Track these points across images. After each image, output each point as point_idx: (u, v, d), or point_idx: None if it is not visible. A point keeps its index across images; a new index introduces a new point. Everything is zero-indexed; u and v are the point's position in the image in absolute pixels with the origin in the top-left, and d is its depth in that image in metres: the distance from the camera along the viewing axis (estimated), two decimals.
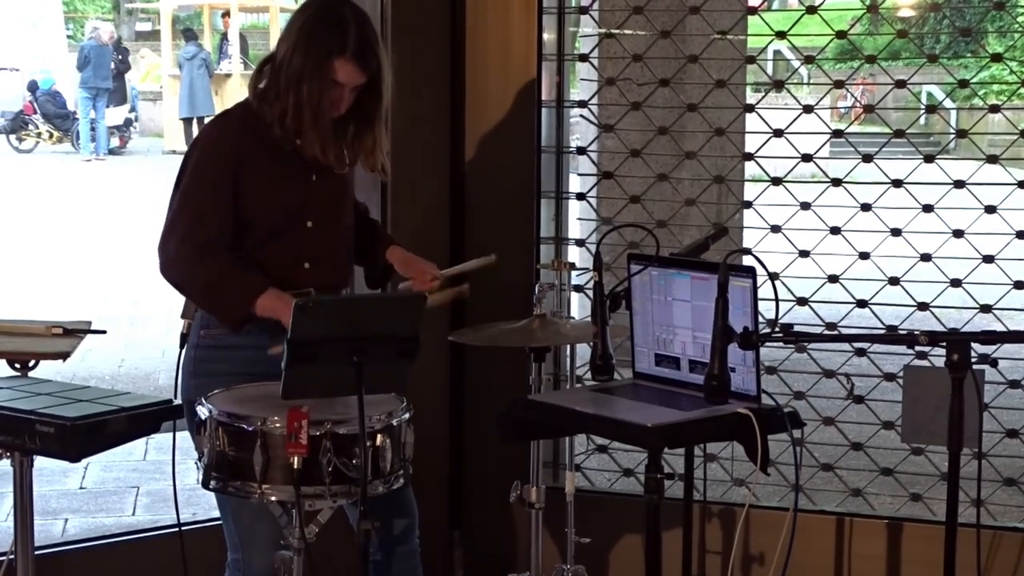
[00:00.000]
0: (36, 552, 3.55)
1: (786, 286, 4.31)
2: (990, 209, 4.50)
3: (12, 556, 3.52)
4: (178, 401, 3.40)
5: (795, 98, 4.90)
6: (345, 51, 3.32)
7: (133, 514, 5.74)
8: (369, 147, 3.51)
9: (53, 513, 5.70)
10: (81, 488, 6.08)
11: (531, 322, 3.73)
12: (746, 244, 5.10)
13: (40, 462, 3.43)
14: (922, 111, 5.78)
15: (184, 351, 3.48)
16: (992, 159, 4.58)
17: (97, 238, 14.08)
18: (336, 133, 3.45)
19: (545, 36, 4.70)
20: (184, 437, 3.33)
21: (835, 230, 4.62)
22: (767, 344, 3.11)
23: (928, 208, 4.54)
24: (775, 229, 4.69)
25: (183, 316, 3.49)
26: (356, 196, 3.76)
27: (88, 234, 14.36)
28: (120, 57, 23.50)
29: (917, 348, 3.47)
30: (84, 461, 4.52)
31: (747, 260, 3.22)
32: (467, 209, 4.71)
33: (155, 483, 6.11)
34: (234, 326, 3.34)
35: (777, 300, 3.14)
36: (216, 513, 3.57)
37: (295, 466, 2.92)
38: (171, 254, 3.34)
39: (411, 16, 4.55)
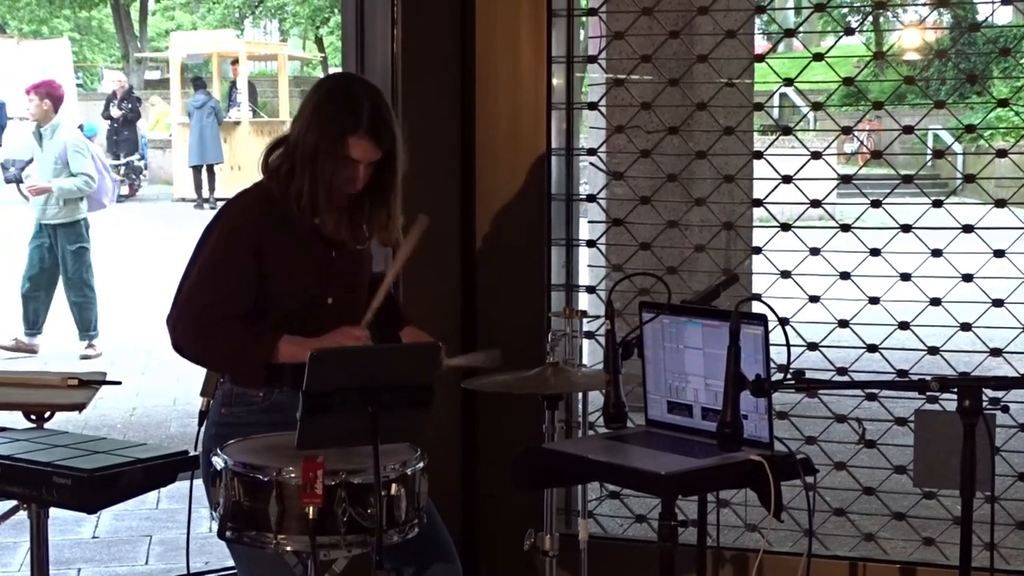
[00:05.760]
0: None
1: (796, 331, 4.32)
2: (999, 253, 4.52)
3: None
4: (194, 453, 3.42)
5: (802, 143, 4.94)
6: (359, 128, 3.34)
7: (146, 563, 5.74)
8: (383, 221, 3.51)
9: (66, 563, 5.69)
10: (94, 537, 6.07)
11: (544, 370, 3.74)
12: (756, 290, 5.12)
13: (53, 511, 3.44)
14: (929, 155, 5.80)
15: (204, 428, 3.46)
16: (1000, 203, 4.61)
17: (108, 286, 14.10)
18: (352, 210, 3.48)
19: (555, 82, 4.74)
20: (199, 486, 3.34)
21: (844, 275, 4.64)
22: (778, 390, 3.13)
23: (937, 252, 4.56)
24: (785, 275, 4.71)
25: (202, 394, 3.47)
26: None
27: (98, 282, 14.37)
28: (130, 106, 23.68)
29: (928, 393, 3.48)
30: None
31: (757, 306, 3.25)
32: (478, 257, 4.74)
33: (168, 532, 6.11)
34: (258, 384, 3.37)
35: (789, 346, 3.16)
36: (229, 562, 3.57)
37: (310, 516, 2.93)
38: (180, 333, 3.34)
39: (422, 66, 4.60)
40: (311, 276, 3.46)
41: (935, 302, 4.57)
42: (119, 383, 3.93)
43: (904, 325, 4.59)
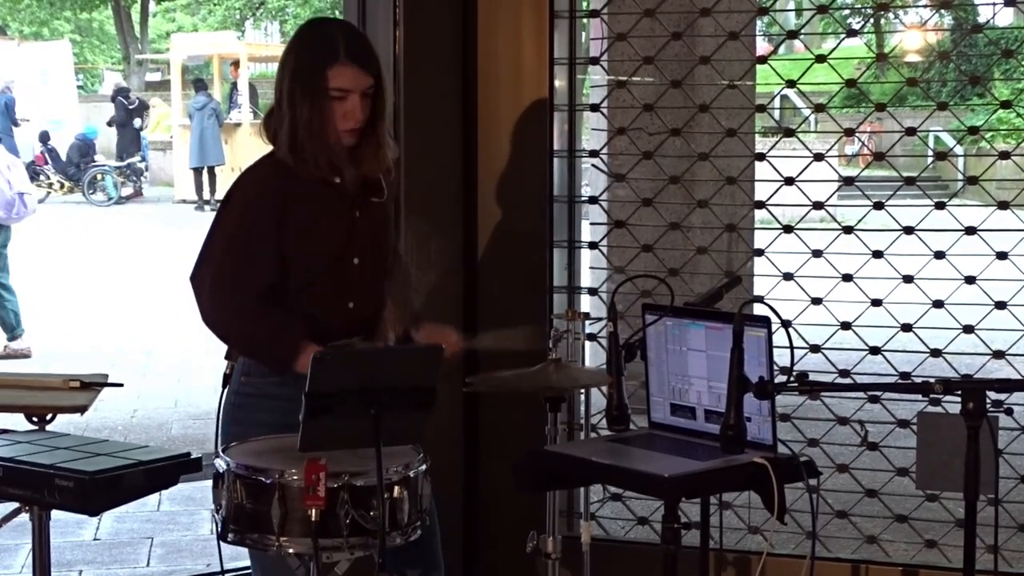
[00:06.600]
0: None
1: (799, 333, 4.31)
2: (1001, 255, 4.52)
3: None
4: (197, 454, 3.41)
5: (804, 145, 4.93)
6: (338, 57, 3.33)
7: (148, 565, 5.73)
8: (373, 150, 3.46)
9: (68, 565, 5.69)
10: (95, 539, 6.07)
11: (546, 366, 3.73)
12: (757, 292, 5.11)
13: (54, 513, 3.43)
14: (931, 157, 5.79)
15: (225, 395, 3.49)
16: (1003, 205, 4.60)
17: (109, 288, 14.12)
18: (352, 150, 3.45)
19: (557, 83, 4.74)
20: (201, 488, 3.34)
21: (847, 277, 4.64)
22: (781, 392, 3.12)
23: (939, 255, 4.56)
24: (787, 277, 4.71)
25: (227, 358, 3.51)
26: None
27: (100, 284, 14.40)
28: (115, 112, 23.92)
29: (932, 396, 3.48)
30: None
31: (759, 308, 3.24)
32: (480, 259, 4.73)
33: (169, 534, 6.09)
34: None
35: (792, 348, 3.15)
36: (230, 564, 3.57)
37: (313, 518, 2.93)
38: (213, 308, 3.37)
39: (423, 68, 4.59)
40: (335, 236, 3.45)
41: (938, 304, 4.56)
42: (121, 385, 3.92)
43: (906, 327, 4.59)
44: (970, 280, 4.53)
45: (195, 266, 3.41)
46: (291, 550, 3.02)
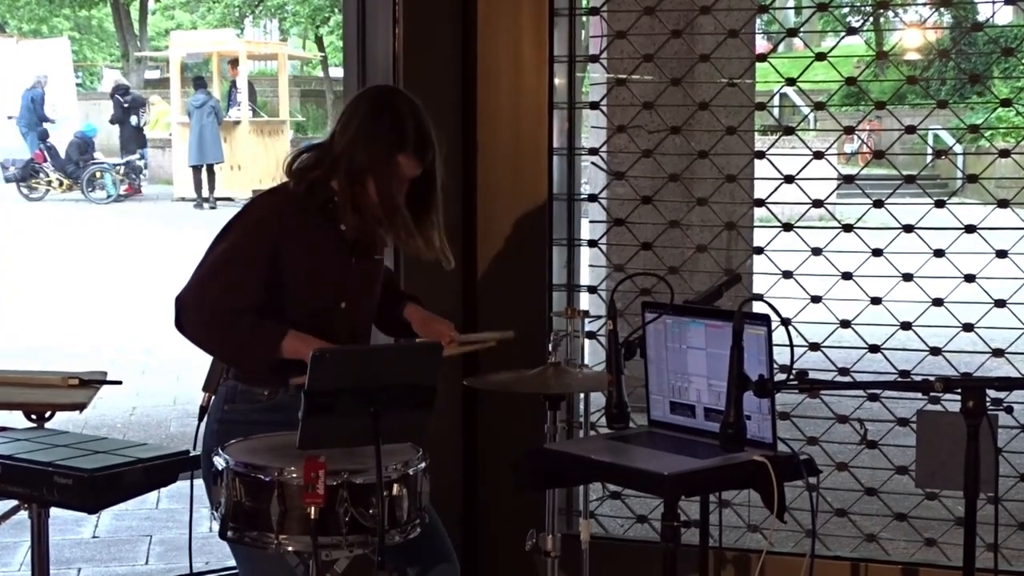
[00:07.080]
0: None
1: (798, 331, 4.31)
2: (1001, 253, 4.52)
3: None
4: (194, 453, 3.41)
5: (804, 143, 4.92)
6: (406, 147, 3.37)
7: (146, 563, 5.73)
8: (431, 235, 3.52)
9: (66, 563, 5.69)
10: (94, 537, 6.07)
11: (545, 370, 3.73)
12: (757, 290, 5.11)
13: (53, 511, 3.43)
14: (930, 155, 5.78)
15: (205, 425, 3.48)
16: (1003, 203, 4.60)
17: (108, 286, 14.11)
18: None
19: (556, 81, 4.73)
20: (199, 485, 3.33)
21: (846, 275, 4.64)
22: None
23: (939, 253, 4.55)
24: (786, 275, 4.70)
25: (204, 389, 3.49)
26: None
27: (99, 282, 14.39)
28: (112, 110, 23.95)
29: (932, 394, 3.48)
30: None
31: (759, 306, 3.24)
32: (480, 256, 4.73)
33: (168, 532, 6.10)
34: (265, 378, 3.39)
35: (792, 346, 3.15)
36: (230, 562, 3.57)
37: (312, 516, 2.92)
38: (190, 323, 3.36)
39: (423, 65, 4.59)
40: (329, 281, 3.47)
41: (937, 302, 4.56)
42: (120, 383, 3.92)
43: (906, 325, 4.59)
44: (969, 278, 4.53)
45: (183, 288, 3.40)
46: (290, 548, 3.01)
